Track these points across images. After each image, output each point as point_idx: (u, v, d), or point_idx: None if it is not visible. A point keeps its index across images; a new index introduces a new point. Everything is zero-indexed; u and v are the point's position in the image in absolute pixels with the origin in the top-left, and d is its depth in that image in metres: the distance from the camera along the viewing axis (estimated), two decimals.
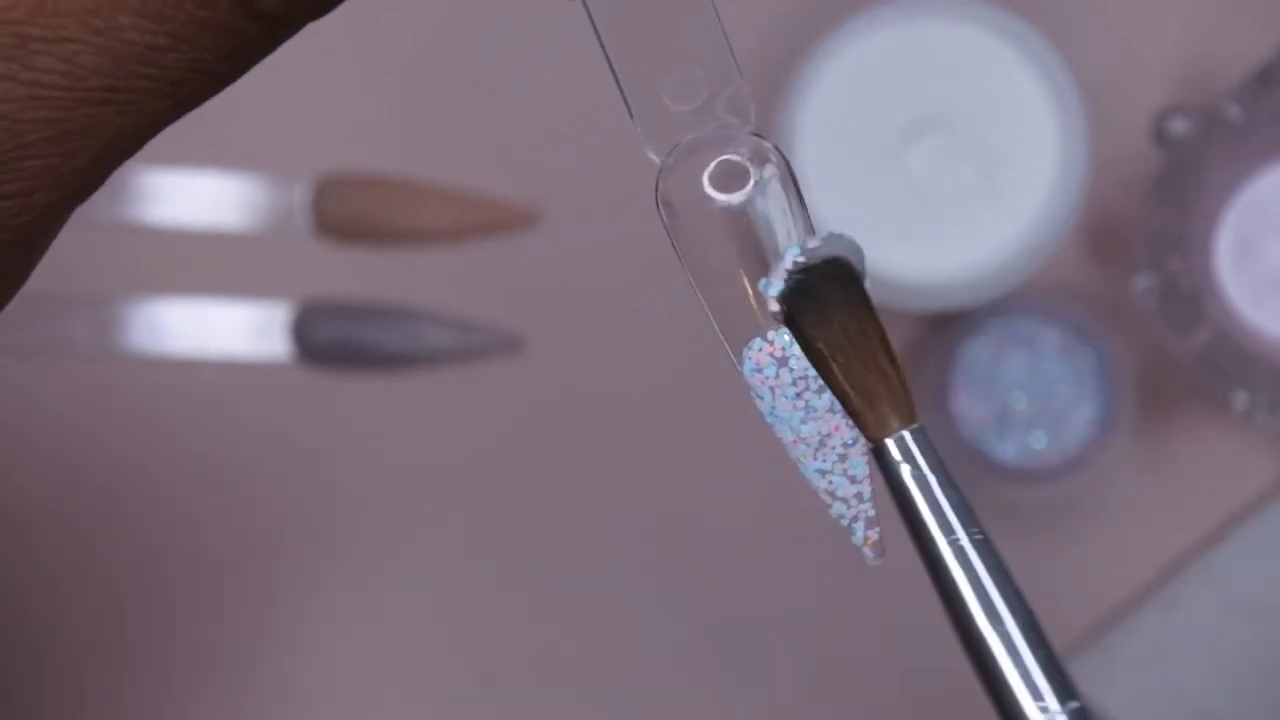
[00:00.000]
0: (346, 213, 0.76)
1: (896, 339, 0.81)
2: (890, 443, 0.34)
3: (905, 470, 0.34)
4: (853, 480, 0.35)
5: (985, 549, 0.33)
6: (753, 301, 0.34)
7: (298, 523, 0.77)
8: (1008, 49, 0.72)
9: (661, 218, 0.34)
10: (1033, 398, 0.73)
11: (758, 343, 0.34)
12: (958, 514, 0.34)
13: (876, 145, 0.72)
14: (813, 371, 0.34)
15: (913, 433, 0.34)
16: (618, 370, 0.77)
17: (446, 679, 0.77)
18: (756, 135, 0.34)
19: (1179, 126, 0.70)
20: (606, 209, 0.76)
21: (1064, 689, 0.33)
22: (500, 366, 0.77)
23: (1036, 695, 0.33)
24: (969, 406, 0.73)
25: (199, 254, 0.77)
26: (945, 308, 0.73)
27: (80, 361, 0.76)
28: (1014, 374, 0.74)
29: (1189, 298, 0.70)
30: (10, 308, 0.34)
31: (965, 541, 0.33)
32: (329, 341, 0.76)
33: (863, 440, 0.35)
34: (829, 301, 0.33)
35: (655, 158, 0.34)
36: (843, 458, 0.35)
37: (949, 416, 0.73)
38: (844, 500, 0.35)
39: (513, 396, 0.77)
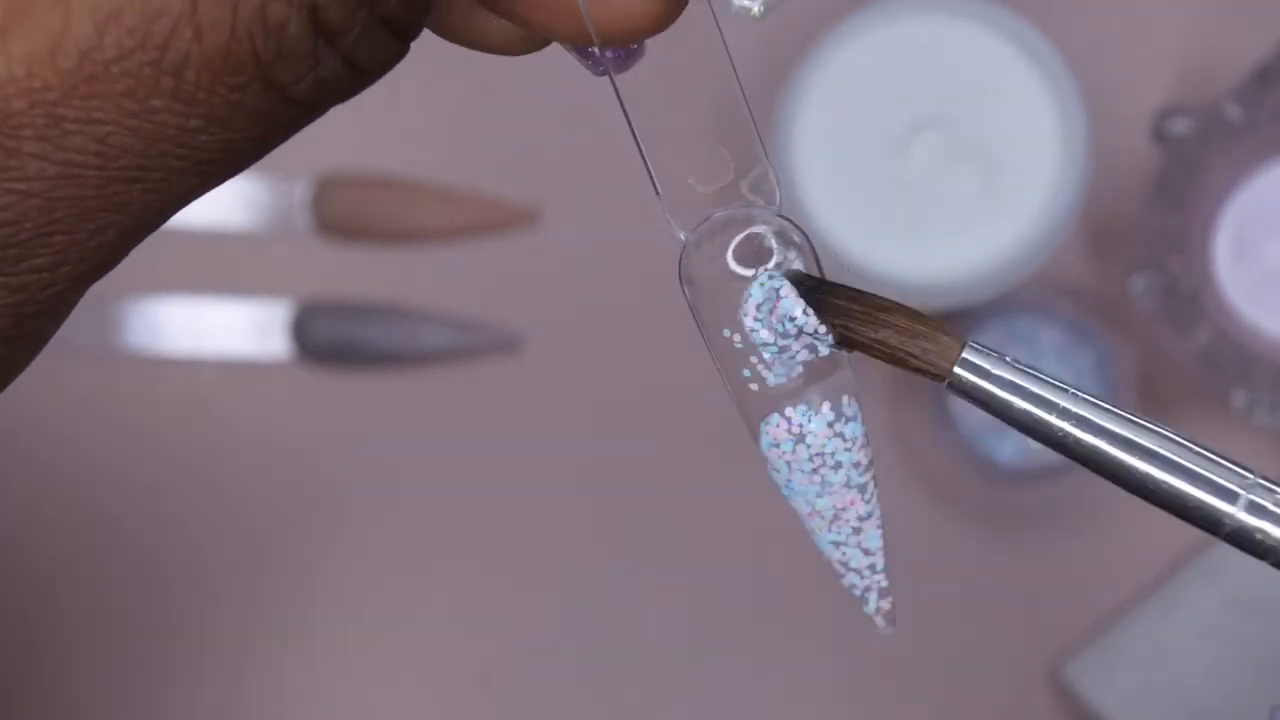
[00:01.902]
0: (346, 212, 0.76)
1: None
2: (959, 371, 0.34)
3: (985, 385, 0.34)
4: (866, 552, 0.36)
5: (1090, 404, 0.34)
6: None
7: (297, 521, 0.77)
8: (1008, 48, 0.72)
9: (684, 294, 0.34)
10: None
11: (775, 418, 0.35)
12: (1049, 389, 0.34)
13: (876, 145, 0.72)
14: (829, 448, 0.35)
15: (969, 350, 0.34)
16: (616, 370, 0.77)
17: (446, 676, 0.77)
18: (782, 217, 0.34)
19: (1179, 126, 0.70)
20: (606, 209, 0.76)
21: (1239, 472, 0.34)
22: (498, 366, 0.77)
23: (1223, 493, 0.34)
24: (968, 405, 0.73)
25: (199, 254, 0.77)
26: (945, 308, 0.73)
27: (80, 361, 0.76)
28: None
29: (1189, 297, 0.70)
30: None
31: (1072, 407, 0.34)
32: (329, 341, 0.76)
33: (877, 513, 0.35)
34: (833, 303, 0.34)
35: (681, 235, 0.34)
36: (857, 530, 0.35)
37: (949, 416, 0.73)
38: (857, 571, 0.36)
39: (511, 396, 0.77)
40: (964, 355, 0.34)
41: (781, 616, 0.76)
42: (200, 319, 0.77)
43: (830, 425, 0.35)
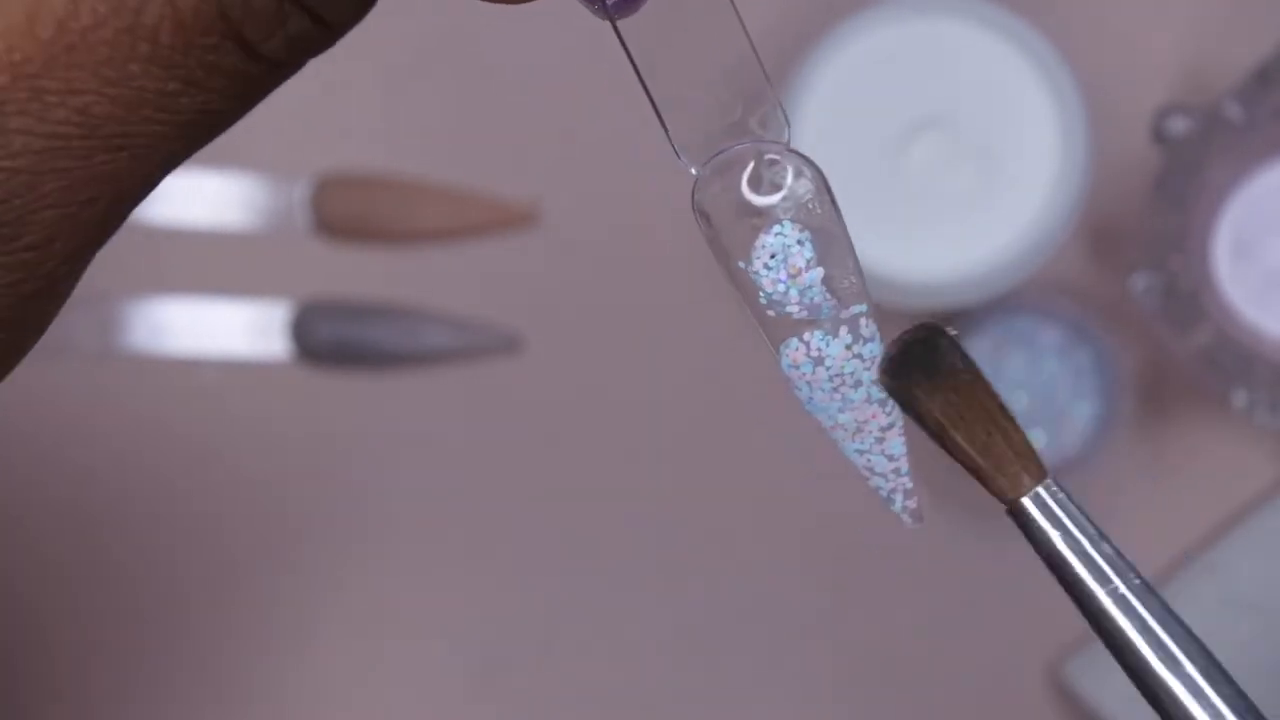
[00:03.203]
0: (346, 212, 0.76)
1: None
2: (1026, 502, 0.33)
3: (1047, 528, 0.33)
4: (890, 459, 0.37)
5: (1147, 594, 0.33)
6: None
7: (297, 521, 0.77)
8: (1008, 49, 0.72)
9: (700, 226, 0.35)
10: (1032, 397, 0.73)
11: (794, 342, 0.36)
12: (1111, 563, 0.33)
13: (876, 145, 0.72)
14: (848, 369, 0.35)
15: (1047, 489, 0.33)
16: (616, 369, 0.77)
17: (446, 676, 0.77)
18: (792, 151, 0.35)
19: (1179, 126, 0.70)
20: (606, 209, 0.76)
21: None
22: (499, 366, 0.77)
23: None
24: None
25: (199, 254, 0.77)
26: (945, 307, 0.73)
27: (80, 361, 0.76)
28: (1013, 373, 0.74)
29: (1189, 297, 0.70)
30: None
31: (1124, 590, 0.33)
32: (328, 341, 0.76)
33: (900, 423, 0.36)
34: (935, 372, 0.34)
35: (692, 169, 0.34)
36: (880, 440, 0.36)
37: None
38: (883, 475, 0.37)
39: (512, 396, 0.77)
40: (1037, 491, 0.33)
41: (781, 617, 0.76)
42: (200, 319, 0.77)
43: (848, 348, 0.36)
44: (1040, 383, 0.73)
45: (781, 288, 0.35)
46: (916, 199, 0.72)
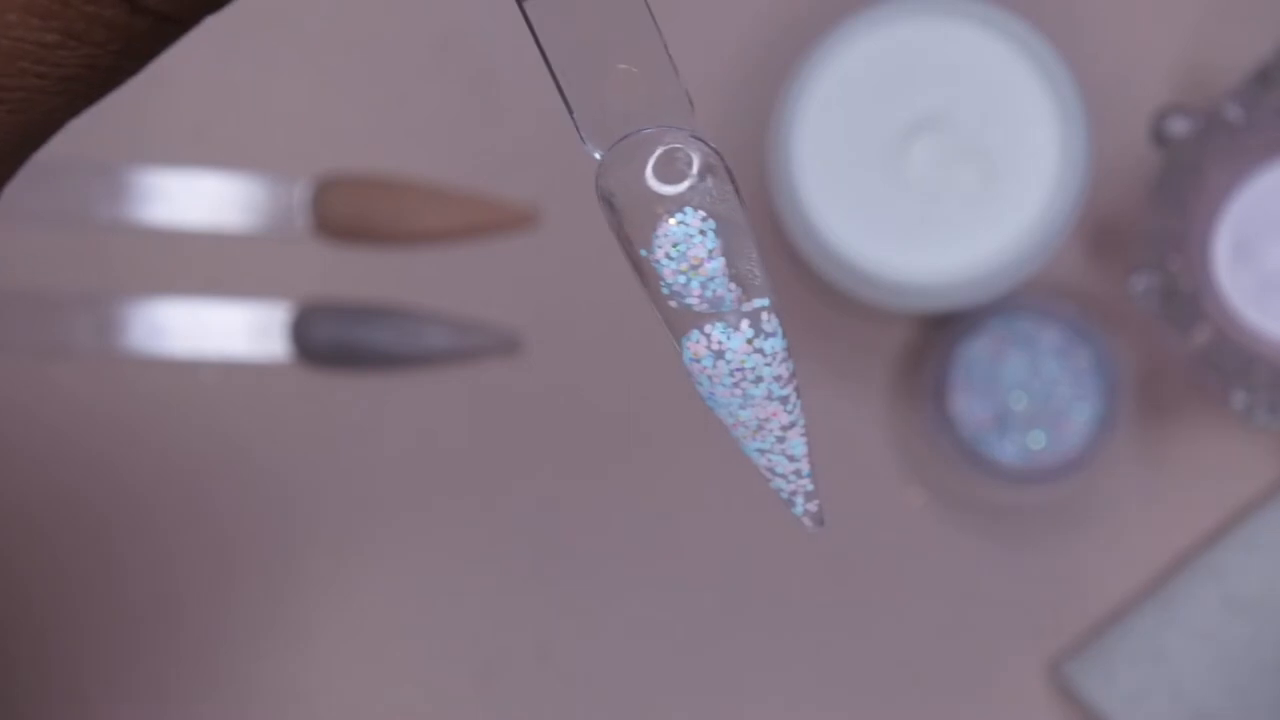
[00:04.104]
0: (346, 213, 0.76)
1: (896, 339, 0.81)
2: None
3: None
4: (791, 459, 0.37)
5: None
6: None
7: (297, 522, 0.77)
8: (1008, 49, 0.72)
9: (604, 212, 0.35)
10: (1032, 398, 0.73)
11: (695, 334, 0.36)
12: None
13: (876, 145, 0.72)
14: (749, 364, 0.35)
15: None
16: (616, 370, 0.77)
17: (446, 676, 0.77)
18: (696, 137, 0.35)
19: (1179, 126, 0.70)
20: None
21: None
22: (499, 366, 0.77)
23: None
24: (968, 406, 0.73)
25: (199, 254, 0.77)
26: (945, 308, 0.73)
27: (80, 361, 0.76)
28: (1013, 374, 0.74)
29: (1188, 298, 0.70)
30: (10, 307, 0.33)
31: None
32: (328, 341, 0.76)
33: (801, 423, 0.36)
34: None
35: (595, 154, 0.35)
36: (780, 439, 0.36)
37: (948, 417, 0.73)
38: (783, 477, 0.37)
39: (511, 396, 0.77)
40: None
41: (780, 616, 0.77)
42: (200, 320, 0.77)
43: (749, 341, 0.35)
44: (1040, 383, 0.73)
45: (683, 279, 0.35)
46: (917, 200, 0.72)
